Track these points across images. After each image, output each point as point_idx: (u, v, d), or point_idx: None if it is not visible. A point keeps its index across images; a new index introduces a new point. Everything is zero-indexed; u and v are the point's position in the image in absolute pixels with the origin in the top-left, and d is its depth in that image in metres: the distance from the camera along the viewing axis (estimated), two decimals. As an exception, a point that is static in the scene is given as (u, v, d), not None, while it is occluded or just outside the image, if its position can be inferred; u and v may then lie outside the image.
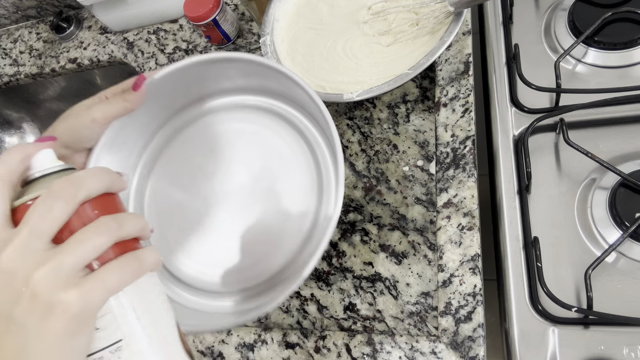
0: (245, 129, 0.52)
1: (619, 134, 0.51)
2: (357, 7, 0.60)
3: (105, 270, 0.27)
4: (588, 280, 0.44)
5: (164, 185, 0.53)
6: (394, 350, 0.49)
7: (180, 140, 0.53)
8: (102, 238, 0.27)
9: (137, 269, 0.28)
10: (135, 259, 0.28)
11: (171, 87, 0.48)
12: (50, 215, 0.26)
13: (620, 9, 0.54)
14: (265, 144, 0.51)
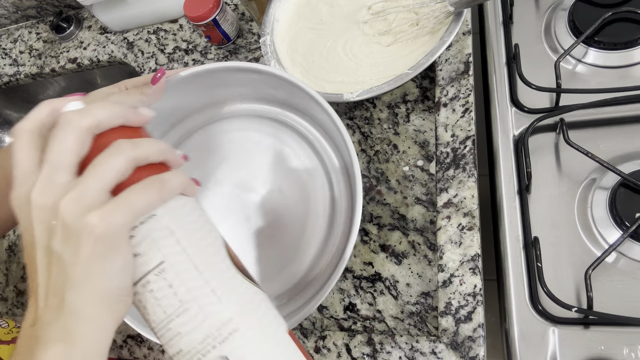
0: (261, 139, 0.52)
1: (619, 134, 0.51)
2: (357, 7, 0.60)
3: (126, 192, 0.27)
4: (588, 280, 0.44)
5: None
6: (394, 351, 0.49)
7: (193, 142, 0.53)
8: (118, 159, 0.27)
9: (161, 190, 0.28)
10: (158, 180, 0.28)
11: (191, 87, 0.48)
12: (62, 147, 0.27)
13: (620, 9, 0.54)
14: (280, 159, 0.51)
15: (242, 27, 0.75)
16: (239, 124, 0.53)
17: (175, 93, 0.47)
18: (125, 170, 0.27)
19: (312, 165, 0.50)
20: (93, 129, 0.28)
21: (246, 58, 0.73)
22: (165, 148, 0.30)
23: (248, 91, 0.51)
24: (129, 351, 0.59)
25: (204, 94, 0.51)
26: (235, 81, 0.49)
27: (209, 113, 0.53)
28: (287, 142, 0.52)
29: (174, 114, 0.52)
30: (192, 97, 0.51)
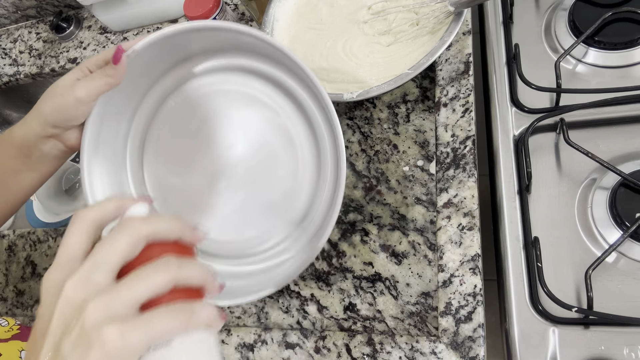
0: (235, 92, 0.51)
1: (619, 134, 0.51)
2: (357, 7, 0.60)
3: (152, 314, 0.25)
4: (588, 280, 0.44)
5: (161, 165, 0.52)
6: (394, 351, 0.49)
7: (169, 108, 0.52)
8: (159, 276, 0.26)
9: (187, 320, 0.26)
10: (188, 310, 0.27)
11: (154, 55, 0.47)
12: (113, 247, 0.27)
13: (621, 9, 0.54)
14: (257, 108, 0.50)
15: (242, 27, 0.75)
16: (211, 79, 0.52)
17: (139, 64, 0.46)
18: (164, 288, 0.27)
19: (289, 109, 0.49)
20: (149, 238, 0.28)
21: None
22: (208, 274, 0.29)
23: (211, 46, 0.50)
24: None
25: (168, 58, 0.50)
26: (196, 40, 0.48)
27: (177, 74, 0.52)
28: (261, 90, 0.51)
29: (142, 83, 0.51)
30: (156, 63, 0.50)
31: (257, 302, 0.58)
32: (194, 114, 0.51)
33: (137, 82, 0.50)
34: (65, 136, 0.45)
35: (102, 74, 0.42)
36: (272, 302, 0.58)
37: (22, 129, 0.44)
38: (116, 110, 0.49)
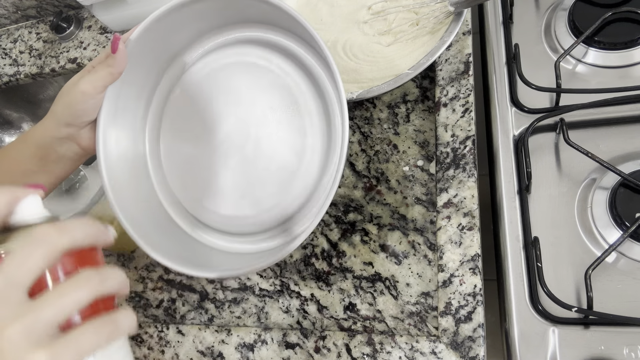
0: (240, 63, 0.51)
1: (619, 134, 0.51)
2: (357, 7, 0.60)
3: (80, 332, 0.25)
4: (588, 280, 0.44)
5: (175, 142, 0.53)
6: (394, 351, 0.49)
7: (179, 92, 0.53)
8: (82, 292, 0.25)
9: (113, 333, 0.26)
10: (112, 322, 0.26)
11: (152, 42, 0.47)
12: (28, 263, 0.25)
13: (620, 9, 0.54)
14: (263, 76, 0.50)
15: (242, 27, 0.75)
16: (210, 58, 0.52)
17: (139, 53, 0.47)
18: (86, 303, 0.25)
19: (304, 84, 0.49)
20: (66, 249, 0.26)
21: (246, 58, 0.73)
22: (125, 280, 0.29)
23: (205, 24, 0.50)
24: (129, 351, 0.59)
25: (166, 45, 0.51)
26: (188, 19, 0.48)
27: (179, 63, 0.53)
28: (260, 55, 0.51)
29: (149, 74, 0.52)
30: (156, 51, 0.50)
31: (257, 302, 0.58)
32: (200, 95, 0.52)
33: (143, 73, 0.51)
34: (80, 136, 0.45)
35: (103, 65, 0.42)
36: (272, 302, 0.58)
37: (38, 130, 0.44)
38: (127, 106, 0.50)
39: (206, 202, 0.51)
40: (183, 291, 0.62)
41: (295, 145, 0.48)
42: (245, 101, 0.51)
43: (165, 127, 0.54)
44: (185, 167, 0.52)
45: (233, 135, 0.51)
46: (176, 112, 0.53)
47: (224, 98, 0.51)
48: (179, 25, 0.49)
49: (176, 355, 0.56)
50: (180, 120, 0.53)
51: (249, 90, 0.51)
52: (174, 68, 0.53)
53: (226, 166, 0.51)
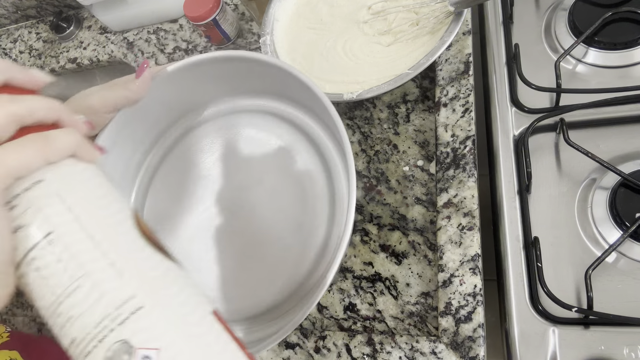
0: (254, 137, 0.49)
1: (619, 134, 0.51)
2: (357, 6, 0.60)
3: (1, 148, 0.23)
4: (588, 280, 0.44)
5: (162, 202, 0.50)
6: (394, 351, 0.49)
7: (180, 150, 0.51)
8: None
9: (44, 148, 0.23)
10: (41, 137, 0.24)
11: (180, 85, 0.45)
12: None
13: (620, 9, 0.54)
14: (277, 156, 0.48)
15: (242, 27, 0.75)
16: (228, 122, 0.50)
17: (164, 92, 0.44)
18: (3, 126, 0.23)
19: (311, 161, 0.47)
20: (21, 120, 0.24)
21: (246, 58, 0.73)
22: (58, 106, 0.26)
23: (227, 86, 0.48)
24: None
25: (186, 94, 0.48)
26: (226, 73, 0.46)
27: (189, 119, 0.51)
28: (282, 136, 0.49)
29: (163, 118, 0.50)
30: (174, 98, 0.48)
31: (257, 302, 0.58)
32: (200, 158, 0.50)
33: (158, 113, 0.48)
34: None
35: (121, 86, 0.39)
36: (272, 302, 0.58)
37: None
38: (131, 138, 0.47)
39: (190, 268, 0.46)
40: (183, 291, 0.62)
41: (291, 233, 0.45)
42: (250, 176, 0.48)
43: (156, 182, 0.50)
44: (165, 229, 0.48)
45: (226, 204, 0.48)
46: (174, 167, 0.50)
47: (228, 165, 0.49)
48: (213, 77, 0.46)
49: (176, 355, 0.56)
50: (175, 178, 0.50)
51: (258, 166, 0.48)
52: (189, 119, 0.51)
53: (209, 234, 0.47)
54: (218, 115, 0.51)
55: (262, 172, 0.48)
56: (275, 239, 0.45)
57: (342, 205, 0.45)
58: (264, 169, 0.48)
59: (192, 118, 0.51)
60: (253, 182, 0.48)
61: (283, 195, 0.47)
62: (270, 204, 0.47)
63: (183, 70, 0.43)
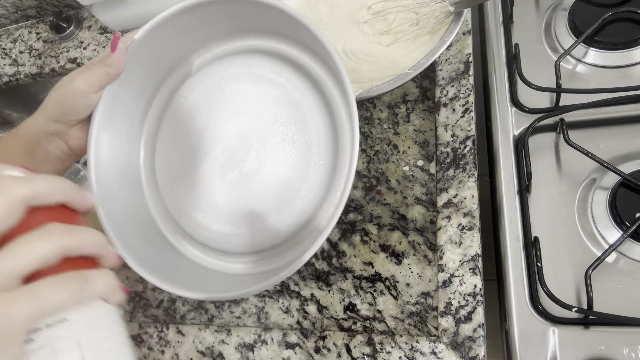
0: (247, 74, 0.49)
1: (619, 134, 0.51)
2: (357, 6, 0.60)
3: (38, 283, 0.23)
4: (588, 280, 0.44)
5: (172, 152, 0.51)
6: (394, 351, 0.49)
7: (181, 100, 0.51)
8: (45, 243, 0.23)
9: (79, 289, 0.24)
10: (80, 277, 0.24)
11: (156, 44, 0.45)
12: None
13: (621, 9, 0.54)
14: (270, 89, 0.48)
15: (242, 27, 0.75)
16: (220, 68, 0.50)
17: (142, 56, 0.45)
18: (50, 258, 0.23)
19: (313, 99, 0.47)
20: (28, 200, 0.24)
21: (246, 58, 0.73)
22: (102, 242, 0.26)
23: (214, 30, 0.48)
24: (128, 351, 0.59)
25: (171, 49, 0.48)
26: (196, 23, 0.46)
27: (183, 69, 0.50)
28: (268, 67, 0.48)
29: (149, 79, 0.49)
30: (160, 55, 0.47)
31: (257, 302, 0.58)
32: (203, 105, 0.50)
33: (144, 76, 0.48)
34: (68, 135, 0.44)
35: (100, 64, 0.40)
36: (272, 302, 0.58)
37: (27, 124, 0.43)
38: (123, 110, 0.47)
39: (200, 217, 0.49)
40: (183, 291, 0.62)
41: (299, 163, 0.46)
42: (249, 113, 0.48)
43: (162, 135, 0.51)
44: (181, 180, 0.50)
45: (234, 149, 0.48)
46: (176, 120, 0.51)
47: (227, 109, 0.49)
48: (186, 28, 0.46)
49: (176, 355, 0.56)
50: (179, 130, 0.50)
51: (255, 102, 0.48)
52: (178, 74, 0.51)
53: (224, 180, 0.48)
54: (206, 62, 0.50)
55: (262, 112, 0.48)
56: (284, 178, 0.46)
57: (345, 146, 0.45)
58: (262, 109, 0.48)
59: (180, 72, 0.51)
60: (258, 129, 0.48)
61: (287, 142, 0.47)
62: (275, 146, 0.47)
63: (154, 30, 0.43)
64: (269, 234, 0.46)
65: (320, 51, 0.44)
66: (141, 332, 0.59)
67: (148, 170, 0.51)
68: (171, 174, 0.50)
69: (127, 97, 0.47)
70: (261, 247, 0.47)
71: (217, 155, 0.49)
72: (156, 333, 0.58)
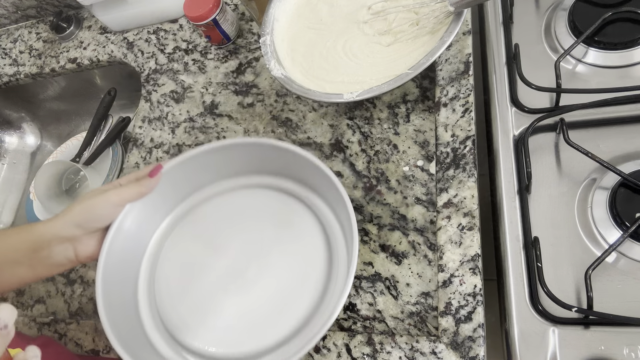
0: (255, 205, 0.56)
1: (619, 134, 0.51)
2: (357, 6, 0.60)
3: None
4: (588, 280, 0.44)
5: (174, 264, 0.55)
6: (394, 351, 0.49)
7: (196, 215, 0.58)
8: None
9: None
10: None
11: (182, 174, 0.54)
12: None
13: (620, 9, 0.54)
14: (278, 222, 0.55)
15: (242, 27, 0.75)
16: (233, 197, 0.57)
17: (169, 181, 0.53)
18: None
19: (311, 226, 0.53)
20: None
21: (246, 58, 0.73)
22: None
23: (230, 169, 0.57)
24: (128, 351, 0.59)
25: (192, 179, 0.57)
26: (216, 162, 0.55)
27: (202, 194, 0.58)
28: (282, 203, 0.55)
29: (165, 202, 0.57)
30: (182, 182, 0.56)
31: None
32: (213, 221, 0.57)
33: (165, 198, 0.56)
34: (82, 241, 0.47)
35: (136, 184, 0.48)
36: (272, 302, 0.58)
37: (42, 225, 0.46)
38: (141, 222, 0.54)
39: (196, 329, 0.51)
40: (183, 291, 0.62)
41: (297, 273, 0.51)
42: (253, 232, 0.55)
43: (168, 248, 0.57)
44: (180, 294, 0.53)
45: (236, 263, 0.53)
46: (185, 233, 0.57)
47: (234, 226, 0.56)
48: (206, 166, 0.56)
49: (176, 355, 0.56)
50: (186, 243, 0.56)
51: (260, 224, 0.55)
52: (192, 199, 0.59)
53: (225, 290, 0.52)
54: (221, 192, 0.58)
55: (265, 236, 0.54)
56: (281, 291, 0.51)
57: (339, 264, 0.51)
58: (266, 234, 0.54)
59: (195, 198, 0.59)
60: (257, 247, 0.54)
61: (285, 258, 0.52)
62: (275, 264, 0.52)
63: (187, 161, 0.53)
64: (268, 339, 0.49)
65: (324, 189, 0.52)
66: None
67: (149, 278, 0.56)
68: (170, 290, 0.54)
69: (147, 208, 0.54)
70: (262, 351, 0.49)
71: (219, 269, 0.53)
72: (156, 333, 0.58)
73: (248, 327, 0.50)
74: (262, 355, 0.49)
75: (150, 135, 0.74)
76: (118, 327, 0.47)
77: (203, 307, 0.52)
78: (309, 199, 0.55)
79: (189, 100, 0.74)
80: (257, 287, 0.51)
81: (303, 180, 0.55)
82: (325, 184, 0.49)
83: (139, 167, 0.72)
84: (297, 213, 0.54)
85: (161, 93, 0.76)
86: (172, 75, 0.77)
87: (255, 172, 0.57)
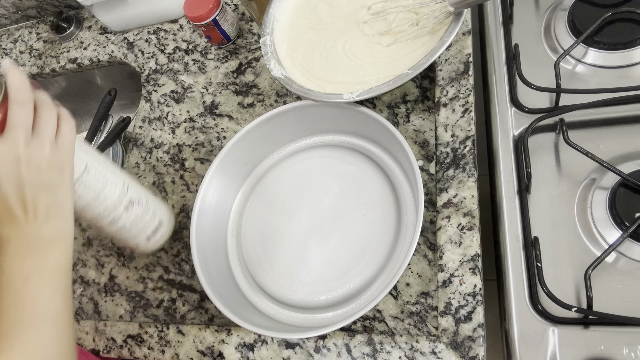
0: (330, 163, 0.61)
1: (619, 134, 0.51)
2: (357, 7, 0.60)
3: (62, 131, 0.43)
4: (588, 280, 0.44)
5: (260, 206, 0.62)
6: (394, 350, 0.49)
7: (276, 171, 0.64)
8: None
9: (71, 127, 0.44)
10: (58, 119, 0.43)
11: (244, 147, 0.61)
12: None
13: (620, 9, 0.54)
14: (348, 177, 0.59)
15: (242, 27, 0.75)
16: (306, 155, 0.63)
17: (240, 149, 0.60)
18: None
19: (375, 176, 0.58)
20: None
21: (246, 58, 0.73)
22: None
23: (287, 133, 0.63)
24: (129, 351, 0.59)
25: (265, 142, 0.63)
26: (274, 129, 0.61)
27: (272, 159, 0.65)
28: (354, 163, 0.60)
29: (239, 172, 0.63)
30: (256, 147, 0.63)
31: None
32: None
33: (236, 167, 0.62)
34: None
35: None
36: (272, 302, 0.58)
37: None
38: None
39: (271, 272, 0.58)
40: (183, 291, 0.62)
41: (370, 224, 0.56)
42: (319, 191, 0.59)
43: (256, 192, 0.63)
44: (262, 235, 0.60)
45: (312, 218, 0.58)
46: (270, 183, 0.63)
47: (300, 189, 0.61)
48: (262, 138, 0.61)
49: (176, 355, 0.57)
50: (271, 192, 0.63)
51: (332, 184, 0.59)
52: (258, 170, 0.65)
53: (301, 242, 0.58)
54: (297, 150, 0.64)
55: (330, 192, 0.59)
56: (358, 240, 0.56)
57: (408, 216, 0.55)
58: (330, 190, 0.59)
59: (259, 169, 0.65)
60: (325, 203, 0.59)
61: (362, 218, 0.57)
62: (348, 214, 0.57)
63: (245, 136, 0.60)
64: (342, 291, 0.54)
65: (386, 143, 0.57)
66: (141, 332, 0.59)
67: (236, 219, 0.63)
68: (254, 227, 0.62)
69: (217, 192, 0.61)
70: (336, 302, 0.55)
71: (297, 230, 0.58)
72: (156, 333, 0.58)
73: (335, 274, 0.55)
74: (354, 296, 0.54)
75: (150, 135, 0.74)
76: (224, 298, 0.53)
77: (292, 267, 0.57)
78: (368, 150, 0.60)
79: (189, 101, 0.74)
80: (334, 239, 0.56)
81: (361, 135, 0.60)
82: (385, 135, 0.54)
83: (139, 167, 0.72)
84: (357, 165, 0.59)
85: (161, 93, 0.76)
86: (173, 76, 0.77)
87: (305, 135, 0.63)
